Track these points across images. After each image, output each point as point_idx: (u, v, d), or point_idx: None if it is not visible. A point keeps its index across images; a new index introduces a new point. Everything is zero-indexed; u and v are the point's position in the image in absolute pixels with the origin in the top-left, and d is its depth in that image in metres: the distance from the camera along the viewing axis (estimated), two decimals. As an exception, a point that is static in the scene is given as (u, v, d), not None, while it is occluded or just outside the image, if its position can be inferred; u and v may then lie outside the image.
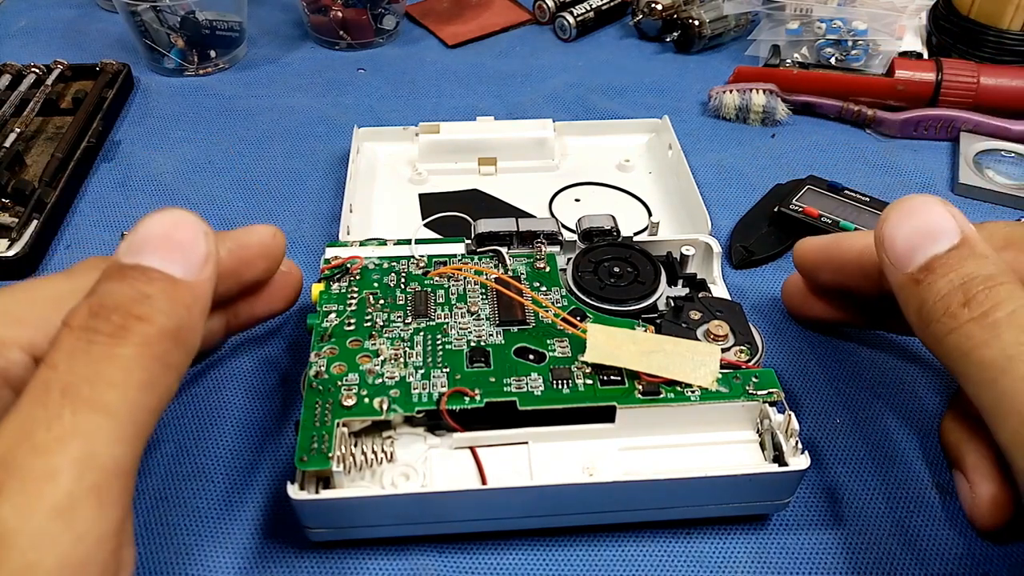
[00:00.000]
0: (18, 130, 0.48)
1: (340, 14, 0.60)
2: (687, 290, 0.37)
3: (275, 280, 0.33)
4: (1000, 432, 0.24)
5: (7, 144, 0.47)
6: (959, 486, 0.31)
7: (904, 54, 0.56)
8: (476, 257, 0.37)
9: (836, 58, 0.56)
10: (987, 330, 0.24)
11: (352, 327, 0.33)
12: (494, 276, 0.35)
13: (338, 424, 0.28)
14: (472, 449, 0.30)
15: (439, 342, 0.32)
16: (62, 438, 0.19)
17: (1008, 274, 0.25)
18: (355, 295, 0.34)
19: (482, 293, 0.35)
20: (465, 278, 0.35)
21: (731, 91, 0.54)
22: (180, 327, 0.22)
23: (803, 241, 0.34)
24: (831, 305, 0.36)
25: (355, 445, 0.29)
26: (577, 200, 0.47)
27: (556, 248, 0.38)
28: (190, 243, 0.23)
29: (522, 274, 0.36)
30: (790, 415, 0.29)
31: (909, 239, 0.26)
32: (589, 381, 0.31)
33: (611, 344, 0.31)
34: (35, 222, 0.43)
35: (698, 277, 0.38)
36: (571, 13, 0.62)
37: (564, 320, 0.33)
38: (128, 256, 0.23)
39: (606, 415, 0.30)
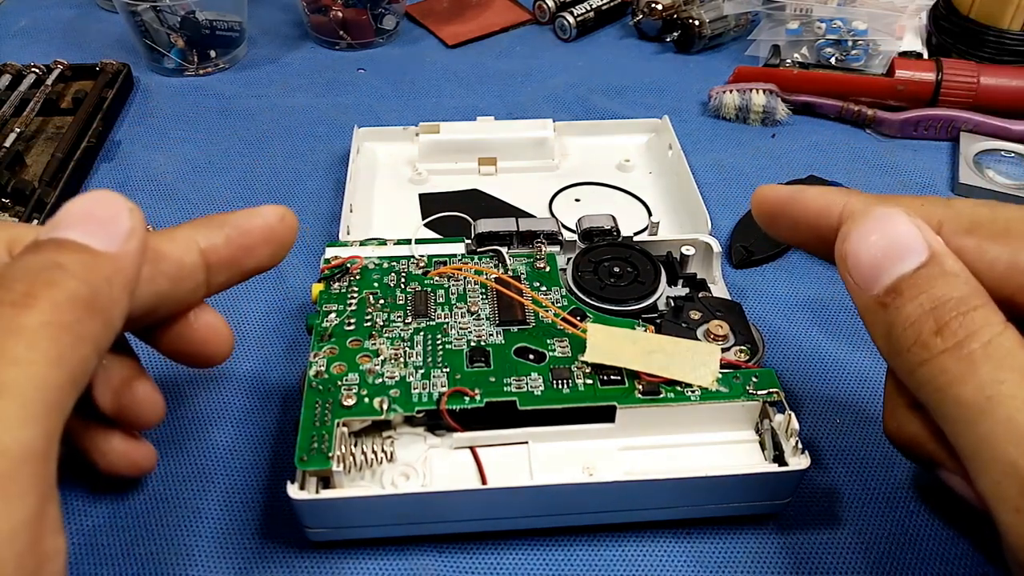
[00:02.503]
0: (18, 130, 0.48)
1: (340, 14, 0.60)
2: (687, 290, 0.37)
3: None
4: (980, 480, 0.22)
5: (7, 144, 0.47)
6: (956, 486, 0.26)
7: (904, 54, 0.56)
8: (476, 257, 0.37)
9: (836, 58, 0.56)
10: (962, 364, 0.22)
11: (352, 327, 0.33)
12: (494, 276, 0.35)
13: (338, 424, 0.28)
14: (472, 449, 0.30)
15: (439, 342, 0.32)
16: None
17: (981, 295, 0.23)
18: (355, 295, 0.34)
19: (482, 293, 0.35)
20: (465, 278, 0.35)
21: (731, 91, 0.54)
22: (95, 295, 0.20)
23: (763, 188, 0.29)
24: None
25: (355, 445, 0.29)
26: (577, 200, 0.47)
27: (556, 248, 0.38)
28: (111, 217, 0.22)
29: (522, 274, 0.36)
30: (790, 415, 0.29)
31: (872, 258, 0.24)
32: (589, 381, 0.31)
33: (611, 344, 0.31)
34: (35, 222, 0.43)
35: (698, 277, 0.38)
36: (571, 13, 0.62)
37: (564, 320, 0.33)
38: (45, 233, 0.21)
39: (606, 415, 0.30)
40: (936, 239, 0.24)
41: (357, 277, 0.35)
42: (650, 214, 0.46)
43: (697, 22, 0.60)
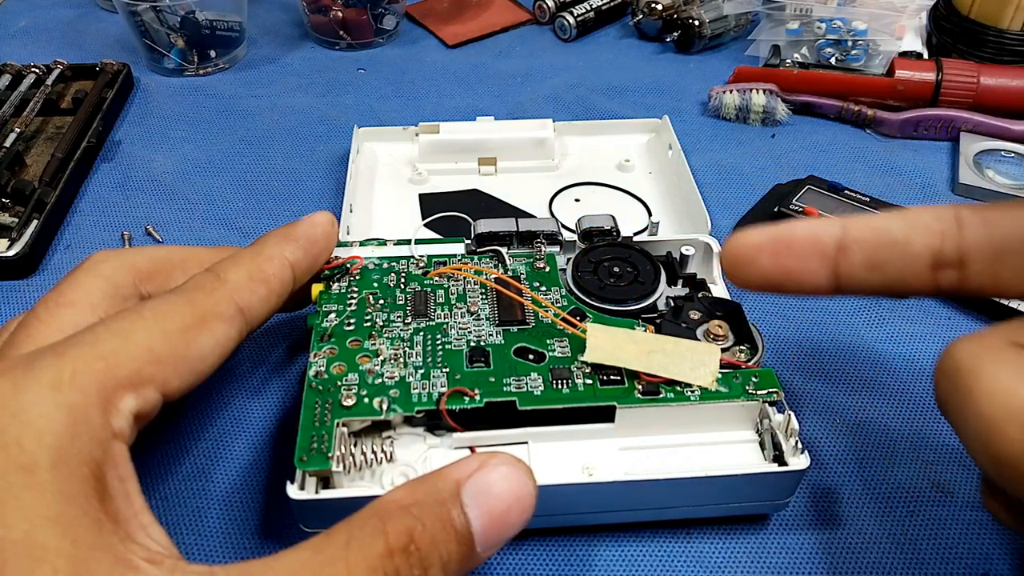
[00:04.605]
0: (18, 130, 0.48)
1: (340, 14, 0.60)
2: (687, 290, 0.37)
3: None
4: None
5: (7, 144, 0.47)
6: None
7: (904, 54, 0.56)
8: (476, 257, 0.37)
9: (836, 58, 0.56)
10: None
11: (352, 327, 0.33)
12: (494, 276, 0.35)
13: (338, 424, 0.28)
14: (472, 449, 0.30)
15: (439, 342, 0.32)
16: None
17: None
18: (355, 295, 0.34)
19: (482, 293, 0.35)
20: (465, 278, 0.35)
21: (731, 91, 0.54)
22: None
23: (737, 236, 0.25)
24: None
25: (355, 445, 0.29)
26: (577, 200, 0.47)
27: (556, 248, 0.38)
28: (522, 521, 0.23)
29: (522, 274, 0.36)
30: (790, 415, 0.29)
31: None
32: (589, 381, 0.31)
33: (611, 344, 0.31)
34: (35, 222, 0.43)
35: (698, 277, 0.38)
36: (571, 13, 0.62)
37: (564, 320, 0.33)
38: (470, 510, 0.22)
39: (606, 415, 0.30)
40: None
41: (357, 277, 0.35)
42: (650, 214, 0.46)
43: (697, 22, 0.60)
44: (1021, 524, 0.23)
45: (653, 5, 0.61)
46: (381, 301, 0.34)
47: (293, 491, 0.27)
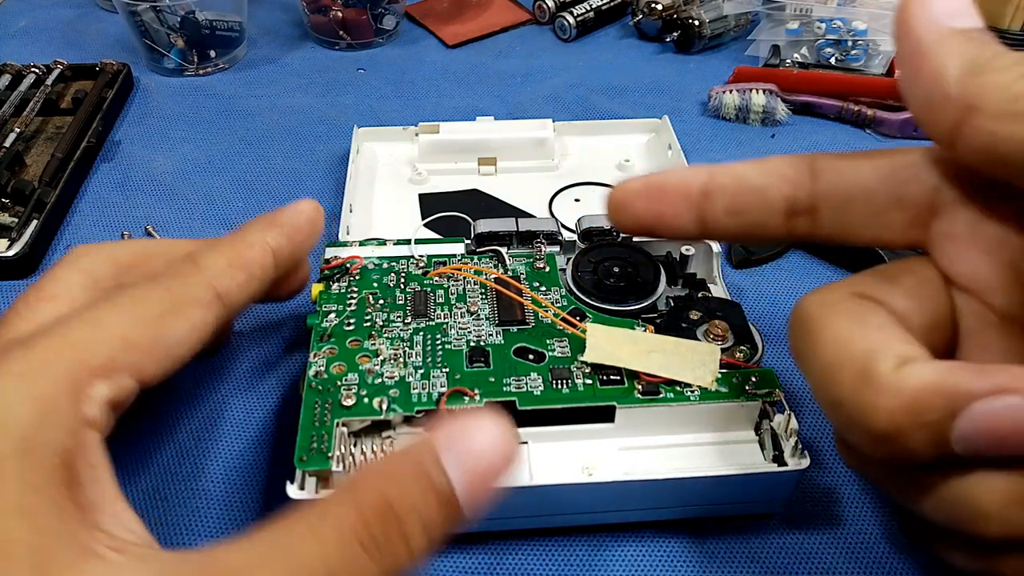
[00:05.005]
0: (18, 130, 0.48)
1: (340, 14, 0.60)
2: (687, 290, 0.37)
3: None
4: None
5: (7, 144, 0.47)
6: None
7: (904, 54, 0.56)
8: (476, 257, 0.37)
9: (836, 58, 0.56)
10: None
11: (352, 327, 0.33)
12: (494, 276, 0.35)
13: (338, 424, 0.28)
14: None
15: (439, 342, 0.32)
16: None
17: None
18: (355, 295, 0.34)
19: (482, 293, 0.35)
20: (465, 278, 0.35)
21: (731, 91, 0.54)
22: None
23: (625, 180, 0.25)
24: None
25: (355, 445, 0.29)
26: (577, 200, 0.47)
27: (556, 248, 0.38)
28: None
29: (522, 274, 0.36)
30: (790, 415, 0.29)
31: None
32: (589, 381, 0.31)
33: (611, 344, 0.31)
34: (35, 222, 0.43)
35: (698, 277, 0.38)
36: (571, 13, 0.62)
37: (564, 320, 0.33)
38: (451, 469, 0.21)
39: (606, 415, 0.30)
40: None
41: (357, 277, 0.35)
42: (650, 214, 0.46)
43: (697, 22, 0.60)
44: (865, 468, 0.24)
45: (653, 5, 0.61)
46: (381, 301, 0.34)
47: (293, 491, 0.27)
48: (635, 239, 0.38)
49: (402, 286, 0.35)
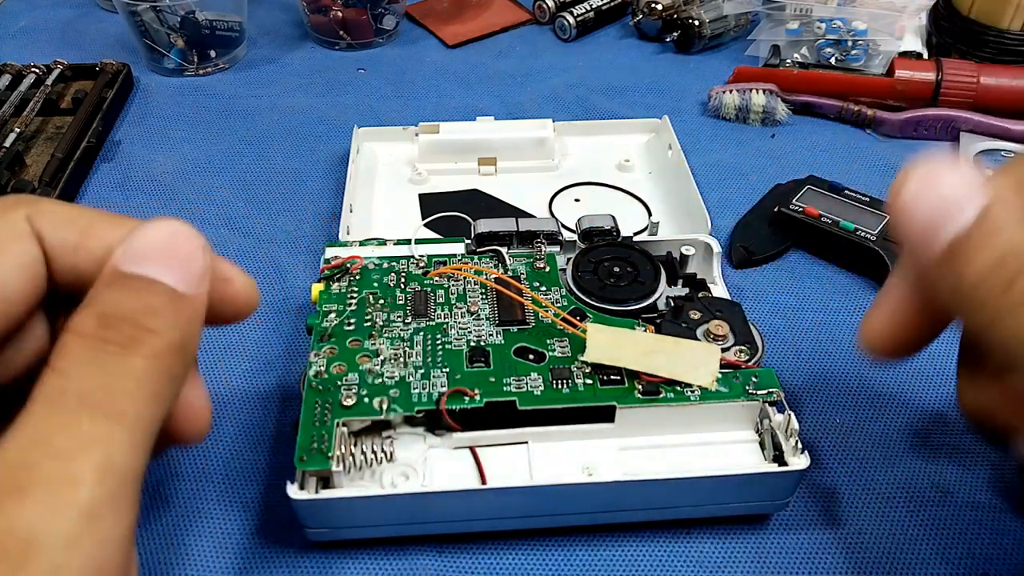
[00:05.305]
0: (18, 130, 0.48)
1: (340, 14, 0.60)
2: (687, 290, 0.37)
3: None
4: None
5: (7, 144, 0.47)
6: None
7: (904, 54, 0.56)
8: (476, 257, 0.37)
9: (836, 58, 0.56)
10: None
11: (352, 327, 0.33)
12: (494, 276, 0.35)
13: (338, 424, 0.28)
14: (472, 449, 0.30)
15: (439, 342, 0.32)
16: (83, 444, 0.19)
17: None
18: (355, 295, 0.34)
19: (482, 293, 0.35)
20: (465, 278, 0.35)
21: (731, 91, 0.54)
22: (185, 341, 0.22)
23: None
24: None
25: (355, 445, 0.29)
26: (577, 200, 0.47)
27: (556, 248, 0.38)
28: (189, 255, 0.23)
29: (522, 274, 0.36)
30: (790, 415, 0.29)
31: (925, 216, 0.23)
32: (589, 381, 0.31)
33: (611, 344, 0.31)
34: (35, 222, 0.43)
35: (698, 277, 0.38)
36: (571, 13, 0.62)
37: (564, 320, 0.33)
38: (128, 264, 0.22)
39: (606, 415, 0.30)
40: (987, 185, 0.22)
41: (357, 277, 0.35)
42: (650, 214, 0.46)
43: (697, 22, 0.60)
44: (992, 404, 0.23)
45: (653, 5, 0.61)
46: (381, 301, 0.34)
47: (293, 491, 0.27)
48: (635, 239, 0.38)
49: (402, 286, 0.35)
